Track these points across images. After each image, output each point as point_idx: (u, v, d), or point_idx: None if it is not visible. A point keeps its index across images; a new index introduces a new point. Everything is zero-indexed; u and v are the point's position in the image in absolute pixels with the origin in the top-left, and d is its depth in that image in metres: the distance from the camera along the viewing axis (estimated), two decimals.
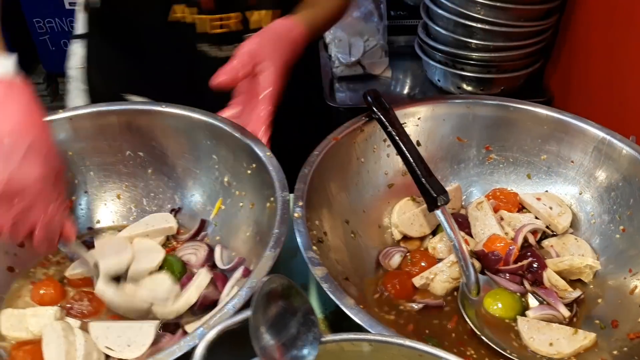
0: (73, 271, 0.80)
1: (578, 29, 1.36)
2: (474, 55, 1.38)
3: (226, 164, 0.84)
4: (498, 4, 1.31)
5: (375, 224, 0.86)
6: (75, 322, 0.73)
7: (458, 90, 1.46)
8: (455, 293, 0.78)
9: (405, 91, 1.55)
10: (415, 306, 0.76)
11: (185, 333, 0.71)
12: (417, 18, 1.66)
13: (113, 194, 0.90)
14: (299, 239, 0.68)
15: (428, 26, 1.45)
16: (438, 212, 0.77)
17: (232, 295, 0.70)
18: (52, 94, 2.57)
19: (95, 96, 1.11)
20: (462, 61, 1.40)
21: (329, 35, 1.61)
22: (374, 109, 0.84)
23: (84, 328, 0.72)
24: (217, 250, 0.82)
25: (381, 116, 0.83)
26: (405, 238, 0.86)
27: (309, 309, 0.53)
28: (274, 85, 0.80)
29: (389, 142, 0.84)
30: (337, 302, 0.60)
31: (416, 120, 0.88)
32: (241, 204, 0.82)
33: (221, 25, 0.95)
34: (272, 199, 0.73)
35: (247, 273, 0.75)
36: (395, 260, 0.82)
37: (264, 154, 0.77)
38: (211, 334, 0.51)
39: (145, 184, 0.90)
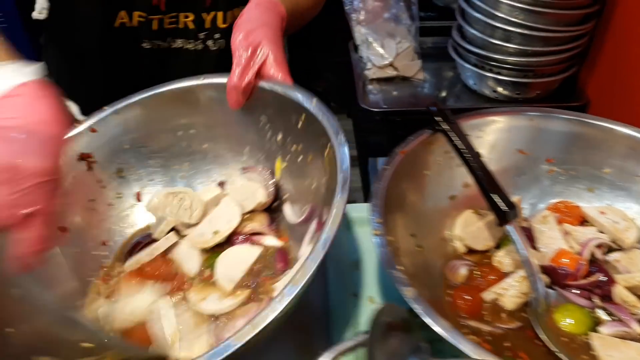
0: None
1: (616, 34, 1.36)
2: (511, 59, 1.37)
3: (276, 122, 0.84)
4: (537, 9, 1.30)
5: (438, 236, 0.86)
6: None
7: (494, 94, 1.45)
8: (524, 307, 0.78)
9: (439, 94, 1.54)
10: (495, 329, 0.76)
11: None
12: (447, 19, 1.65)
13: (176, 176, 0.92)
14: (381, 257, 0.67)
15: (463, 29, 1.44)
16: (508, 227, 0.77)
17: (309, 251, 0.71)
18: None
19: None
20: (499, 65, 1.39)
21: (359, 37, 1.60)
22: (439, 121, 0.83)
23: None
24: (287, 206, 0.85)
25: (446, 129, 0.82)
26: (469, 251, 0.86)
27: (420, 338, 0.52)
28: (281, 71, 0.79)
29: (451, 154, 0.83)
30: (435, 327, 0.59)
31: (479, 132, 0.88)
32: (300, 158, 0.81)
33: (175, 21, 0.98)
34: (328, 145, 0.72)
35: (320, 226, 0.71)
36: (462, 273, 0.82)
37: (311, 103, 0.76)
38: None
39: (204, 159, 0.92)
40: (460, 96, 1.53)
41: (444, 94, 1.57)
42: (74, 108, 1.08)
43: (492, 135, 0.88)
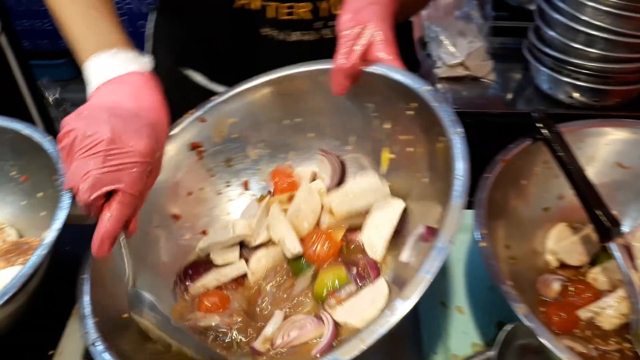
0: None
1: None
2: (592, 65, 1.32)
3: (384, 110, 0.78)
4: (625, 13, 1.24)
5: (530, 248, 0.84)
6: None
7: (569, 100, 1.40)
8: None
9: (510, 96, 1.50)
10: (590, 350, 0.73)
11: None
12: (521, 20, 1.61)
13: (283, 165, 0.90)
14: (489, 271, 0.65)
15: (541, 30, 1.40)
16: (612, 245, 0.74)
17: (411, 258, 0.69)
18: None
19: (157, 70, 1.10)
20: (577, 70, 1.34)
21: (429, 34, 1.56)
22: (542, 130, 0.80)
23: None
24: None
25: (549, 138, 0.79)
26: (562, 265, 0.83)
27: None
28: (391, 53, 0.73)
29: (550, 164, 0.81)
30: (552, 347, 0.57)
31: (579, 143, 0.84)
32: (409, 149, 0.76)
33: (290, 12, 0.93)
34: (441, 138, 0.66)
35: (430, 232, 0.68)
36: (555, 288, 0.79)
37: (423, 89, 0.70)
38: None
39: (309, 149, 0.89)
40: (532, 100, 1.49)
41: (512, 96, 1.53)
42: (199, 77, 1.07)
43: (593, 147, 0.85)
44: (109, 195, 0.64)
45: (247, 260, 0.81)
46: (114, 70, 0.71)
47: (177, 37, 1.08)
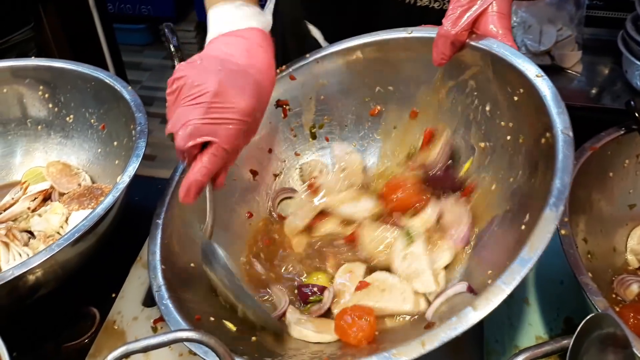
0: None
1: None
2: None
3: (485, 89, 0.72)
4: None
5: (609, 245, 0.78)
6: None
7: None
8: None
9: (595, 90, 1.42)
10: None
11: None
12: (618, 10, 1.51)
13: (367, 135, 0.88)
14: (569, 261, 0.61)
15: None
16: None
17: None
18: (200, 42, 2.62)
19: (281, 19, 1.07)
20: None
21: (515, 18, 1.49)
22: (638, 119, 0.74)
23: None
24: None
25: None
26: None
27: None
28: (502, 27, 0.68)
29: None
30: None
31: None
32: (508, 138, 0.70)
33: None
34: (548, 134, 0.60)
35: (470, 290, 0.65)
36: (634, 290, 0.74)
37: (534, 76, 0.64)
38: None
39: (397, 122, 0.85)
40: (620, 96, 1.40)
41: (597, 90, 1.44)
42: (317, 33, 1.05)
43: None
44: (205, 146, 0.65)
45: None
46: (235, 23, 0.71)
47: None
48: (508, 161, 0.70)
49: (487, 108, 0.73)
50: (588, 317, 0.46)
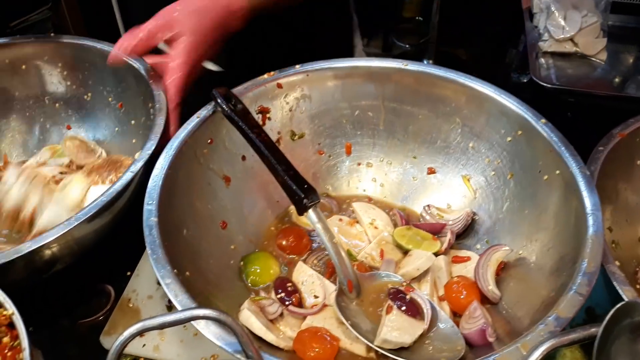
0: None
1: None
2: None
3: (473, 127, 0.81)
4: None
5: (635, 236, 0.77)
6: None
7: None
8: None
9: (619, 79, 1.38)
10: None
11: None
12: None
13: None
14: None
15: None
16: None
17: None
18: None
19: None
20: None
21: (539, 4, 1.46)
22: None
23: None
24: None
25: None
26: None
27: None
28: (183, 57, 0.81)
29: None
30: None
31: None
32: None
33: None
34: (557, 171, 0.68)
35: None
36: None
37: (537, 121, 0.72)
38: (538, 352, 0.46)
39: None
40: None
41: (621, 79, 1.41)
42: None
43: None
44: None
45: None
46: None
47: None
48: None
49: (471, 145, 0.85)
50: (618, 305, 0.44)
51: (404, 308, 0.68)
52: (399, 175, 0.89)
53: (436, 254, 0.76)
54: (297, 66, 0.86)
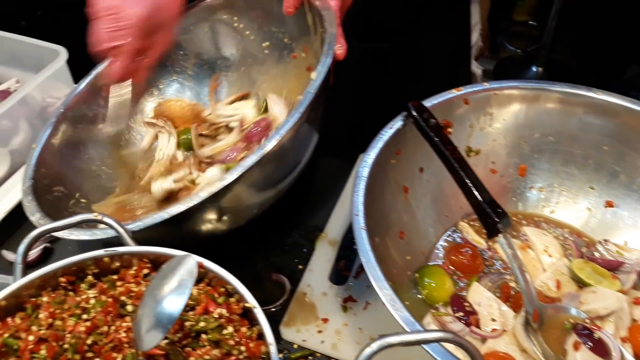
0: None
1: None
2: None
3: None
4: None
5: None
6: None
7: None
8: None
9: None
10: None
11: None
12: None
13: None
14: None
15: None
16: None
17: None
18: None
19: None
20: None
21: None
22: None
23: None
24: None
25: None
26: None
27: None
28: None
29: None
30: None
31: None
32: None
33: None
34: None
35: None
36: None
37: None
38: None
39: None
40: None
41: None
42: None
43: None
44: None
45: None
46: None
47: None
48: None
49: None
50: None
51: (591, 346, 0.68)
52: (572, 204, 0.88)
53: None
54: (486, 84, 0.86)
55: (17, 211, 0.85)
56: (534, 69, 2.88)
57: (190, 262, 0.50)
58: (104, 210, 0.86)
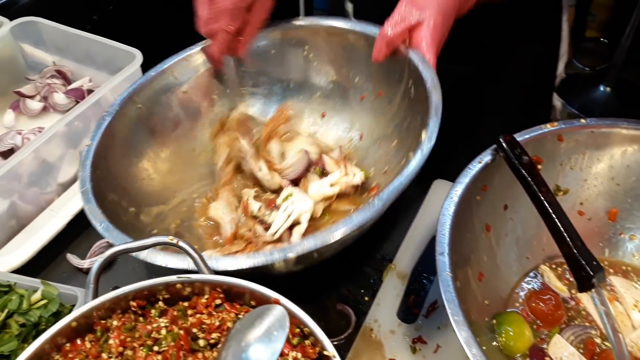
0: None
1: None
2: None
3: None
4: None
5: None
6: None
7: None
8: None
9: None
10: None
11: None
12: None
13: None
14: None
15: None
16: None
17: None
18: None
19: None
20: None
21: None
22: None
23: None
24: None
25: None
26: None
27: None
28: (429, 39, 0.78)
29: None
30: None
31: None
32: None
33: None
34: None
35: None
36: None
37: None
38: None
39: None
40: None
41: None
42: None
43: None
44: None
45: None
46: None
47: None
48: None
49: None
50: None
51: None
52: None
53: None
54: (582, 120, 0.80)
55: (81, 214, 0.83)
56: (602, 88, 2.75)
57: (278, 312, 0.46)
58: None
